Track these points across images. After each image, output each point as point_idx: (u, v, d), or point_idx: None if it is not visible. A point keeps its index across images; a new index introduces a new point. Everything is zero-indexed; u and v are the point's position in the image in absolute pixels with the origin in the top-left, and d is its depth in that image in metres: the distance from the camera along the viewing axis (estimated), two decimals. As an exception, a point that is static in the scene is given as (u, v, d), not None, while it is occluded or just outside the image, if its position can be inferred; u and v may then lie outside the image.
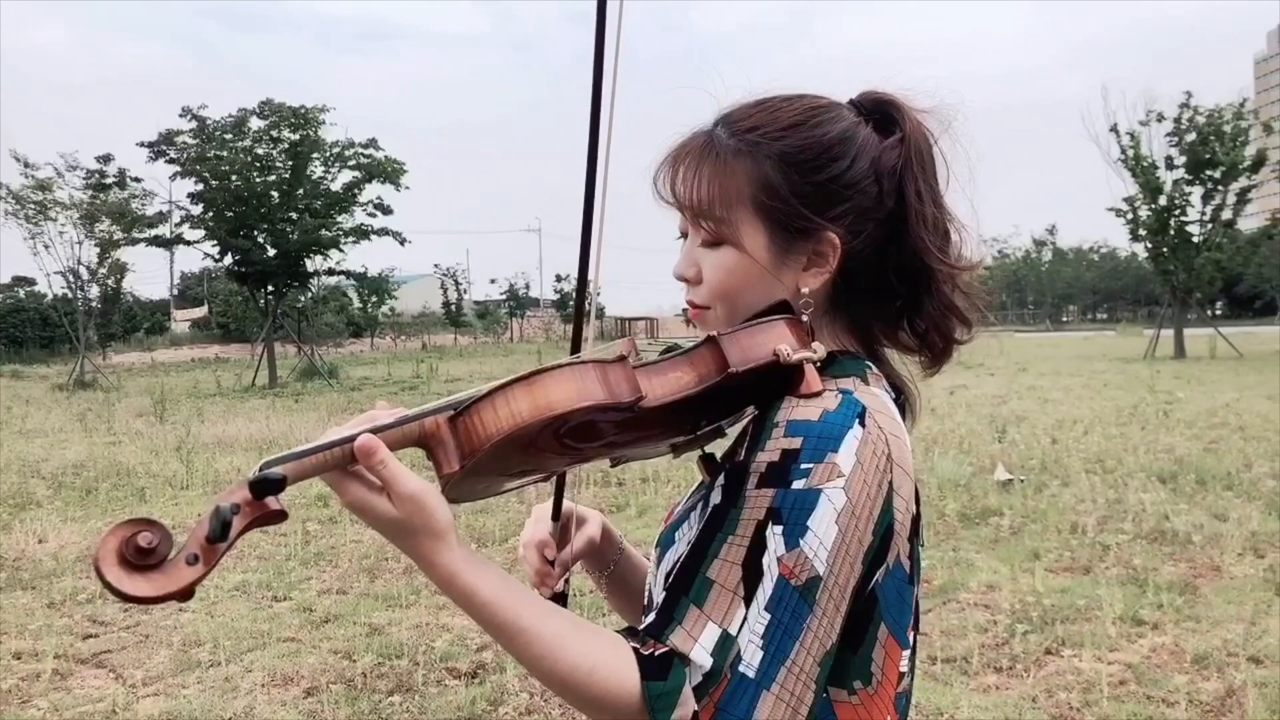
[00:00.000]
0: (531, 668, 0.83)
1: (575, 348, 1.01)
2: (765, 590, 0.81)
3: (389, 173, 26.12)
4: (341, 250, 27.09)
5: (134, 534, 0.72)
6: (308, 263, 26.95)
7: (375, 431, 0.80)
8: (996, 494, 7.28)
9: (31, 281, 48.81)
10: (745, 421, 0.95)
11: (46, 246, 27.64)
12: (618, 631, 0.85)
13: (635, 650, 0.81)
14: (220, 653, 4.45)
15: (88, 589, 5.55)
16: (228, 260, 26.33)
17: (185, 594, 0.73)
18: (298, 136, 25.21)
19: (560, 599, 1.10)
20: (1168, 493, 7.20)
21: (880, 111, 0.97)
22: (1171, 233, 26.15)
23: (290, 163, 25.43)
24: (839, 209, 0.93)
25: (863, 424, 0.85)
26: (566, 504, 1.13)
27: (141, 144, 25.36)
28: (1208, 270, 25.87)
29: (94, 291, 30.53)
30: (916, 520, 0.92)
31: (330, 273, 29.28)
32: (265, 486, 0.75)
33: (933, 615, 4.67)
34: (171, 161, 25.42)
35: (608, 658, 0.81)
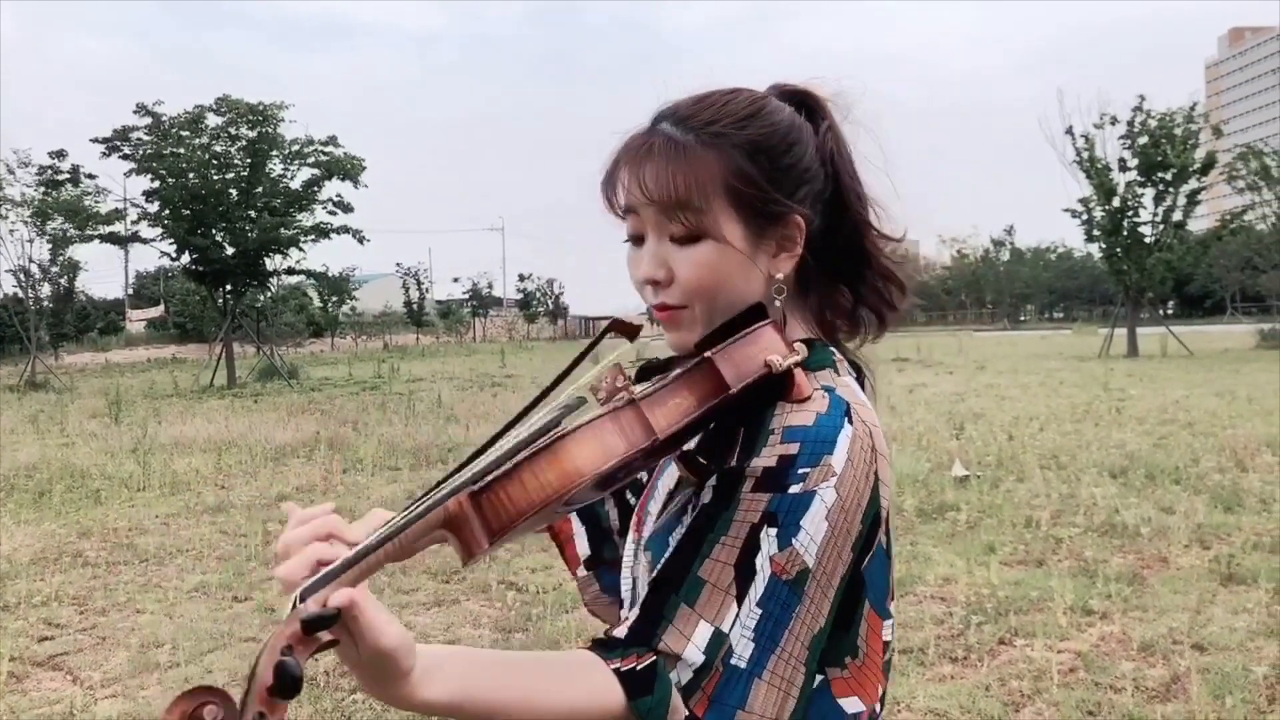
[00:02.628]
0: None
1: (565, 375, 0.96)
2: (757, 588, 0.83)
3: (349, 170, 25.87)
4: (301, 249, 26.78)
5: (196, 709, 0.67)
6: (267, 261, 26.60)
7: (400, 529, 0.77)
8: (953, 490, 7.41)
9: (-19, 280, 47.69)
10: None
11: (-4, 245, 27.08)
12: (591, 646, 0.86)
13: (616, 671, 0.82)
14: (180, 654, 4.42)
15: (42, 591, 5.47)
16: (185, 259, 25.89)
17: None
18: (256, 134, 24.88)
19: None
20: (1119, 487, 7.38)
21: (803, 102, 1.01)
22: (1125, 233, 26.69)
23: (248, 160, 25.08)
24: (801, 192, 0.96)
25: (851, 422, 0.88)
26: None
27: (95, 140, 24.91)
28: (1159, 270, 26.43)
29: (45, 290, 29.98)
30: (890, 501, 0.96)
31: (290, 272, 28.92)
32: (320, 623, 0.70)
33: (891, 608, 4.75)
34: (126, 158, 24.97)
35: (586, 692, 0.81)
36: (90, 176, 27.56)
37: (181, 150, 24.50)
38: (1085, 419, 11.78)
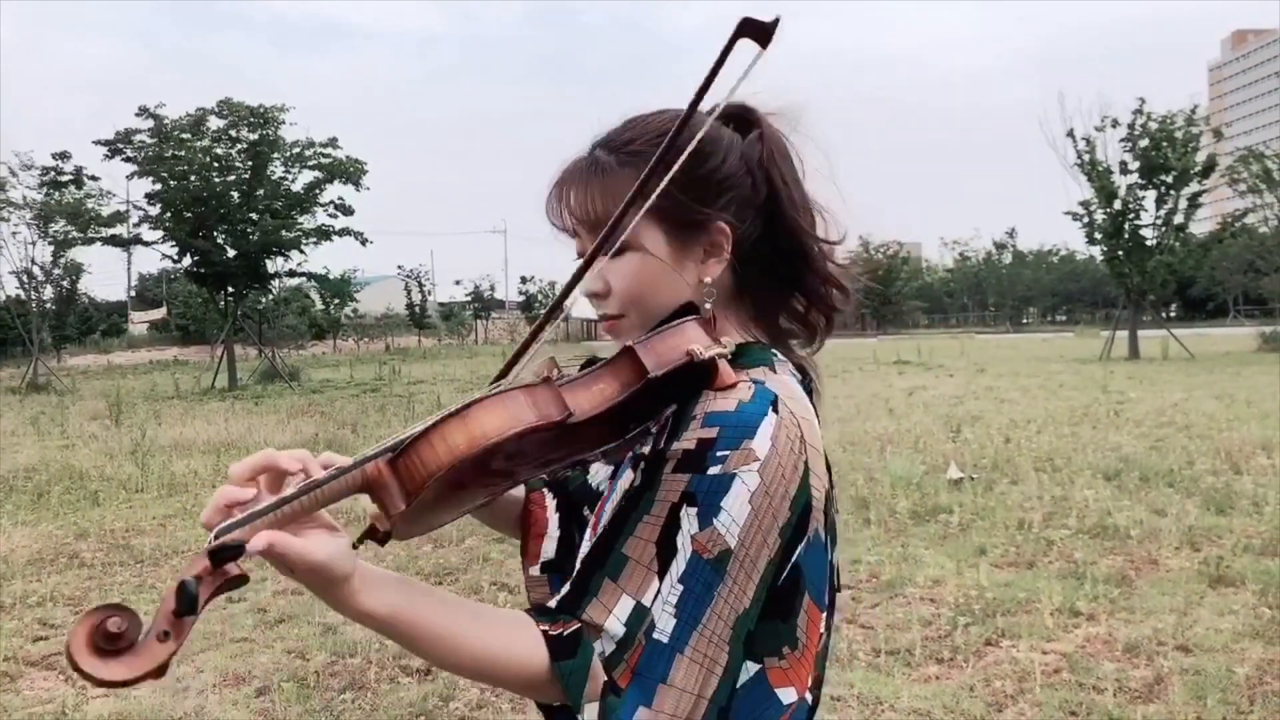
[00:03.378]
0: (443, 666, 0.88)
1: (504, 373, 1.02)
2: (679, 565, 0.86)
3: (350, 173, 25.93)
4: (303, 251, 26.85)
5: (103, 621, 0.73)
6: (268, 264, 26.68)
7: (320, 484, 0.82)
8: (947, 492, 7.43)
9: (-16, 283, 47.82)
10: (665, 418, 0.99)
11: (-1, 247, 27.16)
12: (526, 611, 0.90)
13: (545, 633, 0.86)
14: (172, 653, 4.45)
15: (38, 592, 5.51)
16: (186, 261, 25.97)
17: (160, 672, 0.74)
18: (257, 136, 24.95)
19: (382, 539, 1.07)
20: (1112, 490, 7.40)
21: (736, 116, 1.05)
22: (1126, 236, 26.70)
23: (250, 163, 25.14)
24: (723, 200, 1.00)
25: (776, 411, 0.91)
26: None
27: (98, 142, 24.99)
28: (1160, 273, 26.43)
29: (48, 292, 30.03)
30: (829, 493, 0.99)
31: (291, 274, 29.03)
32: (221, 555, 0.76)
33: (879, 609, 4.78)
34: (129, 161, 25.05)
35: (513, 644, 0.86)
36: (93, 179, 27.63)
37: (183, 153, 24.56)
38: (1083, 421, 11.79)
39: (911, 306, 78.28)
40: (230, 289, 26.49)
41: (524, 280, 69.89)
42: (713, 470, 0.88)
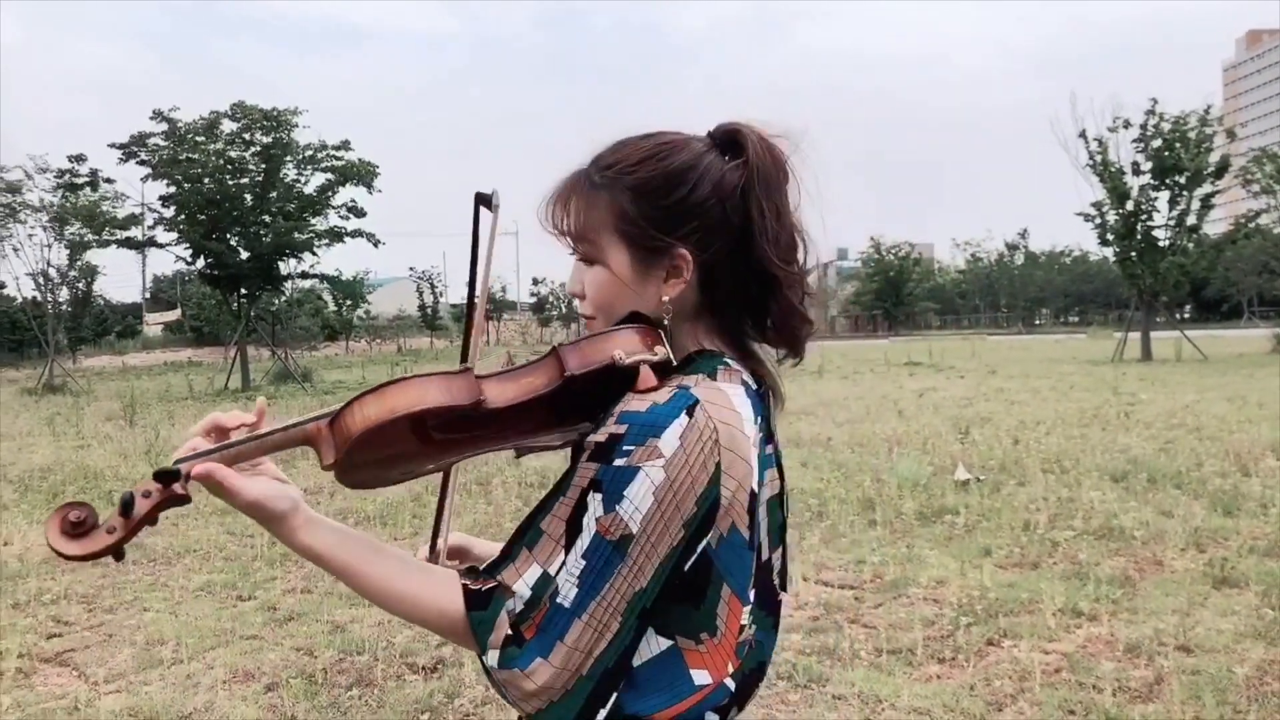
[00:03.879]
0: (371, 600, 1.04)
1: (463, 359, 1.19)
2: (583, 542, 0.97)
3: (362, 175, 26.06)
4: (315, 253, 27.01)
5: (69, 512, 0.96)
6: (281, 266, 26.86)
7: (269, 434, 1.03)
8: (954, 493, 7.44)
9: (1, 285, 48.27)
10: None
11: (15, 250, 27.47)
12: (460, 569, 1.04)
13: (465, 586, 1.00)
14: (183, 650, 4.52)
15: (52, 590, 5.59)
16: (200, 263, 26.16)
17: (110, 551, 0.97)
18: (270, 139, 25.10)
19: None
20: (1120, 491, 7.40)
21: (728, 140, 1.11)
22: (1138, 237, 26.55)
23: (263, 165, 25.30)
24: (686, 228, 1.07)
25: (690, 415, 0.98)
26: (444, 541, 1.32)
27: (113, 145, 25.20)
28: (1173, 274, 26.29)
29: (64, 294, 30.29)
30: (762, 497, 1.07)
31: (304, 276, 29.21)
32: (165, 475, 0.98)
33: (882, 609, 4.81)
34: (143, 164, 25.25)
35: (434, 591, 1.01)
36: (108, 181, 27.88)
37: (197, 156, 24.74)
38: (1093, 423, 11.76)
39: (923, 308, 78.05)
40: (243, 291, 26.66)
41: (536, 282, 70.10)
42: (618, 462, 0.97)
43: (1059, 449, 9.51)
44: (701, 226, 1.07)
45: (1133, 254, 26.66)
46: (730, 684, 1.05)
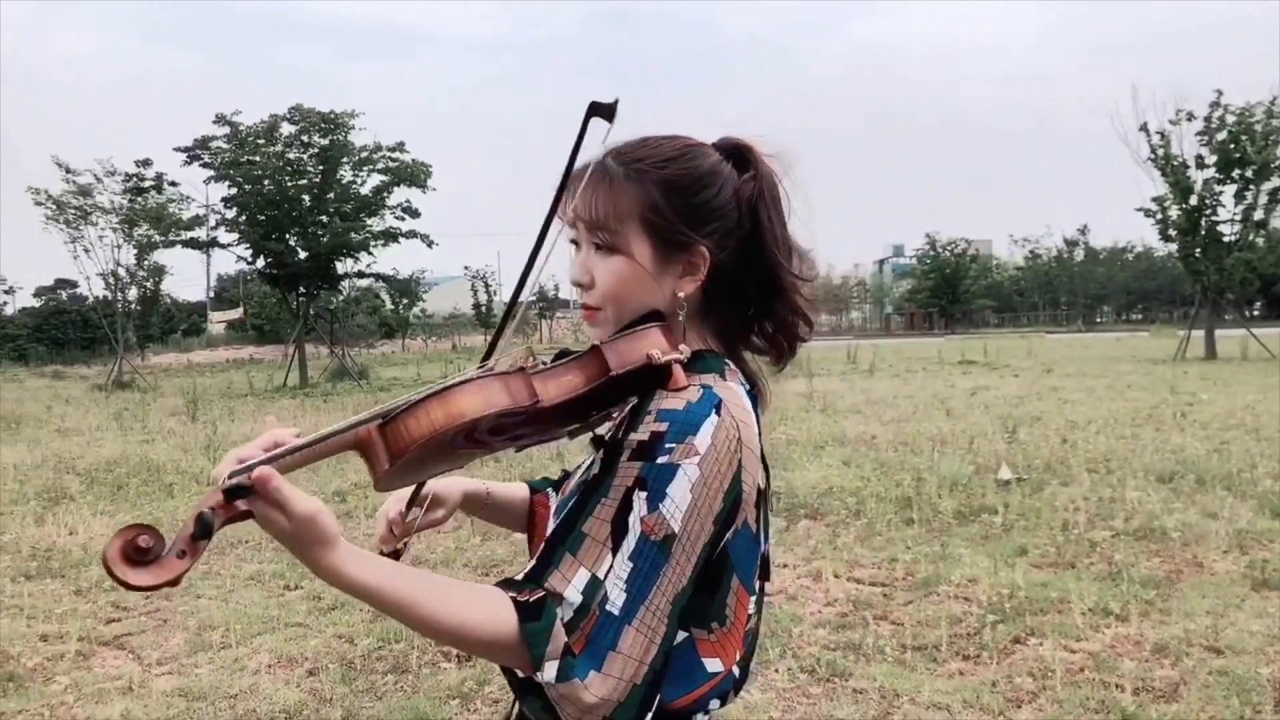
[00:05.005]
0: (422, 633, 1.00)
1: (487, 357, 1.16)
2: (629, 544, 0.98)
3: (416, 176, 26.51)
4: (371, 253, 27.55)
5: (135, 537, 0.88)
6: (338, 265, 27.41)
7: (319, 440, 0.96)
8: (995, 493, 7.40)
9: (73, 284, 50.14)
10: (627, 407, 1.13)
11: (87, 250, 28.37)
12: (498, 584, 1.02)
13: (513, 599, 0.98)
14: (231, 636, 4.72)
15: (113, 577, 5.86)
16: (260, 263, 26.86)
17: (176, 582, 0.90)
18: (327, 141, 25.67)
19: (394, 555, 1.31)
20: (1166, 492, 7.28)
21: (737, 153, 1.18)
22: (1202, 232, 25.88)
23: (320, 167, 25.89)
24: (709, 227, 1.13)
25: (719, 413, 1.03)
26: (431, 487, 1.35)
27: (178, 149, 26.00)
28: (1239, 270, 25.58)
29: (133, 293, 31.27)
30: (763, 491, 1.12)
31: (360, 275, 29.77)
32: (236, 493, 0.91)
33: (911, 606, 4.83)
34: (206, 166, 26.02)
35: (485, 610, 0.97)
36: (173, 184, 28.78)
37: (257, 158, 25.39)
38: (1146, 423, 11.55)
39: (980, 305, 76.72)
40: (302, 290, 27.31)
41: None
42: (661, 459, 1.00)
43: (1107, 449, 9.37)
44: (721, 228, 1.13)
45: (1196, 250, 25.99)
46: (737, 671, 1.11)
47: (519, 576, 1.03)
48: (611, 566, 0.98)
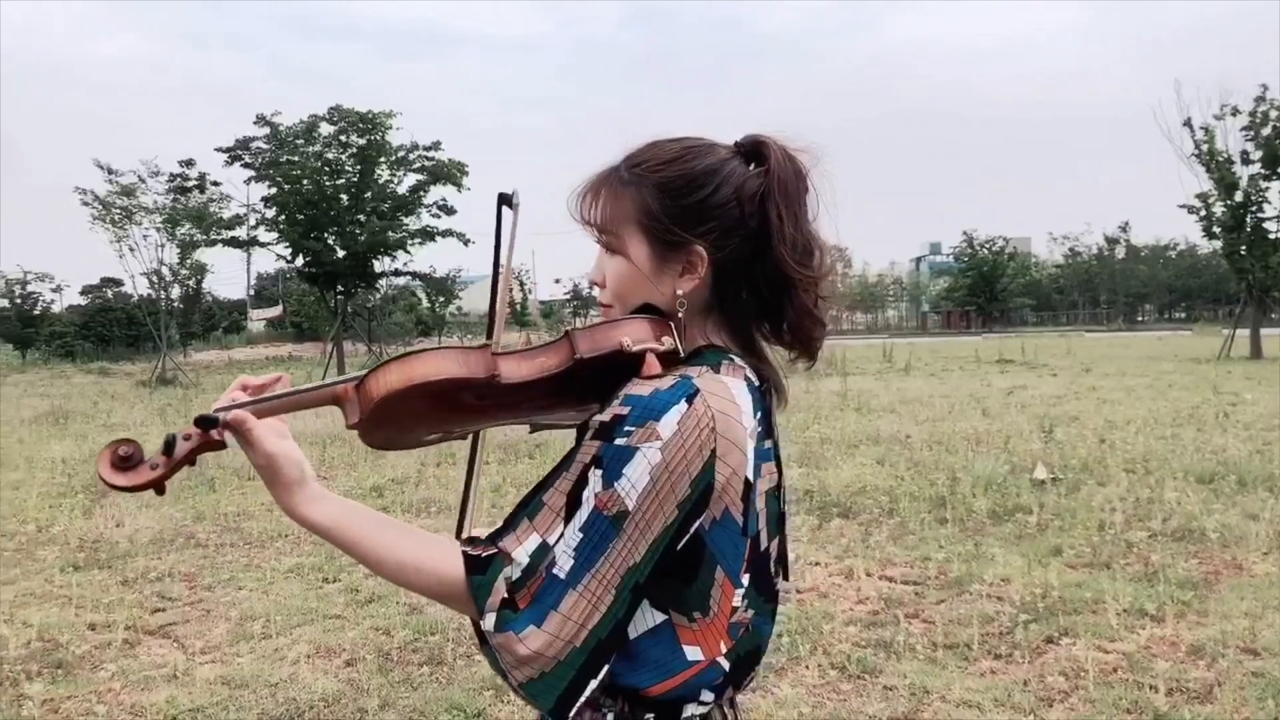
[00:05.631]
0: (374, 570, 1.10)
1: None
2: (581, 516, 1.03)
3: (451, 175, 26.76)
4: (408, 251, 27.89)
5: (118, 447, 1.07)
6: (375, 264, 27.82)
7: (301, 391, 1.12)
8: (1030, 492, 7.34)
9: (118, 283, 51.03)
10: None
11: (132, 249, 28.93)
12: (461, 539, 1.10)
13: (465, 552, 1.05)
14: (272, 626, 4.83)
15: (158, 568, 6.01)
16: (299, 261, 27.28)
17: (152, 485, 1.07)
18: (365, 141, 26.03)
19: None
20: (1206, 493, 7.19)
21: (753, 149, 1.18)
22: (1248, 229, 25.42)
23: (358, 166, 26.25)
24: (704, 227, 1.13)
25: (689, 402, 1.04)
26: (469, 523, 1.38)
27: (219, 149, 26.48)
28: (1286, 268, 25.08)
29: (175, 292, 31.90)
30: (760, 487, 1.13)
31: (397, 273, 30.16)
32: (204, 421, 1.07)
33: (943, 605, 4.83)
34: (247, 166, 26.50)
35: (435, 558, 1.06)
36: (215, 184, 29.29)
37: (296, 158, 25.79)
38: (1187, 423, 11.38)
39: (1019, 304, 75.78)
40: (340, 288, 27.71)
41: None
42: (619, 441, 1.03)
43: (1146, 449, 9.26)
44: (719, 227, 1.13)
45: (1241, 247, 25.53)
46: (724, 663, 1.11)
47: (482, 536, 1.09)
48: (562, 535, 1.02)
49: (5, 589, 5.65)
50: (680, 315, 1.16)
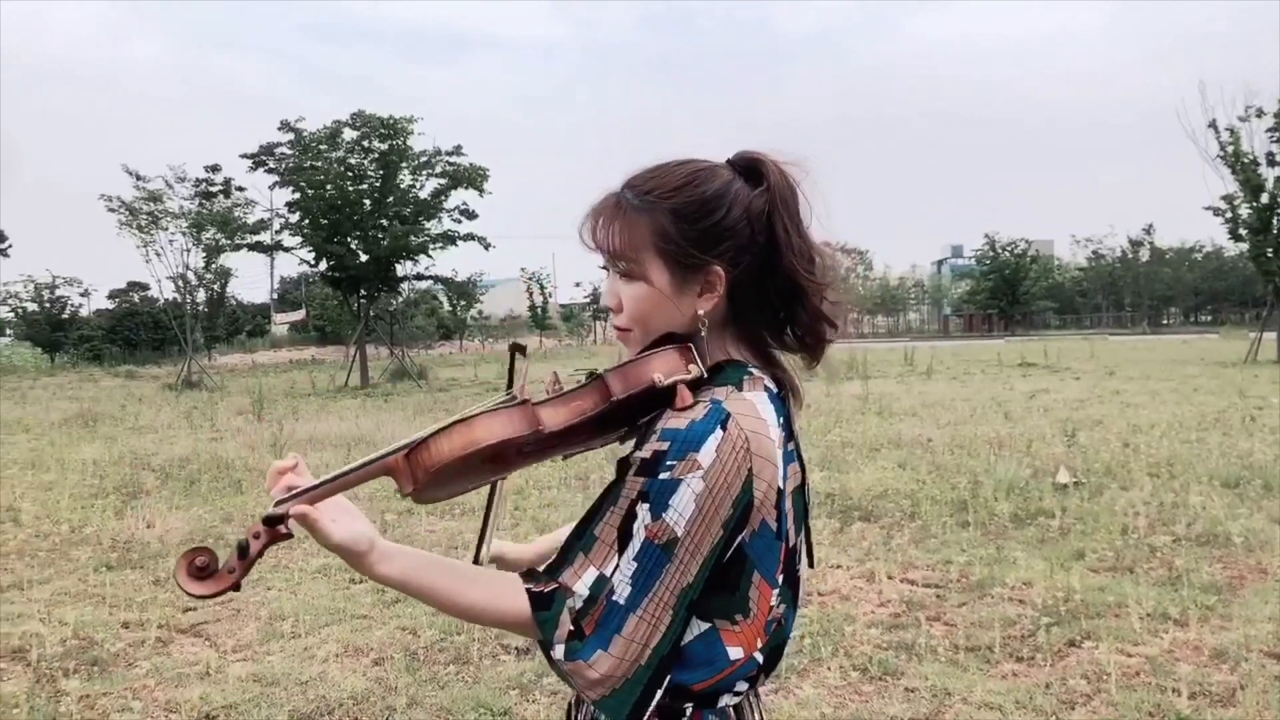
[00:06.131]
0: (445, 613, 1.17)
1: (509, 385, 1.30)
2: (634, 547, 1.10)
3: (473, 179, 26.89)
4: (430, 255, 28.02)
5: (195, 558, 1.13)
6: (398, 268, 27.93)
7: (352, 471, 1.15)
8: (1052, 496, 7.33)
9: (144, 287, 51.58)
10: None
11: (158, 254, 29.34)
12: (521, 574, 1.16)
13: (529, 590, 1.12)
14: (301, 626, 4.92)
15: (188, 568, 6.11)
16: (323, 266, 27.48)
17: (234, 586, 1.13)
18: (387, 146, 26.17)
19: None
20: (1231, 498, 7.15)
21: (749, 168, 1.24)
22: (1274, 231, 25.13)
23: (380, 172, 26.41)
24: (720, 248, 1.19)
25: (724, 428, 1.11)
26: (487, 549, 1.46)
27: (244, 155, 26.73)
28: (1313, 270, 24.79)
29: (200, 296, 32.23)
30: (785, 490, 1.19)
31: (419, 277, 30.29)
32: (271, 520, 1.12)
33: (965, 608, 4.84)
34: (271, 171, 26.70)
35: (501, 599, 1.13)
36: (239, 189, 29.59)
37: (320, 163, 25.99)
38: (1213, 427, 11.30)
39: (1041, 307, 75.18)
40: (363, 292, 27.87)
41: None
42: (663, 475, 1.10)
43: (1170, 453, 9.21)
44: (733, 246, 1.19)
45: (1268, 249, 25.25)
46: (759, 657, 1.19)
47: (540, 569, 1.17)
48: (618, 565, 1.10)
49: (41, 588, 5.77)
50: (702, 334, 1.22)
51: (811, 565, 1.31)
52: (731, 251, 1.20)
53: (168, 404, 20.18)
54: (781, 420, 1.20)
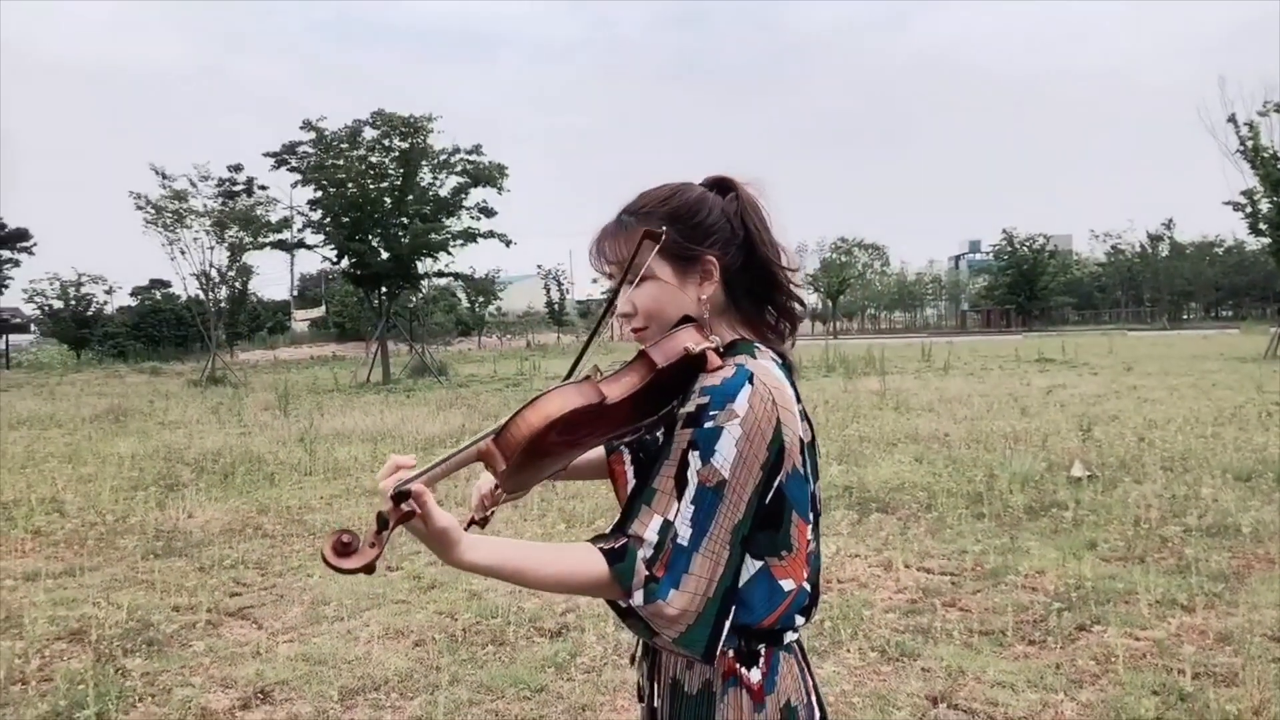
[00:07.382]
0: (532, 588, 1.31)
1: (572, 371, 1.46)
2: (690, 492, 1.27)
3: (492, 177, 27.15)
4: (449, 253, 28.30)
5: (340, 536, 1.20)
6: (418, 265, 28.22)
7: (452, 455, 1.27)
8: (1067, 489, 7.50)
9: (167, 284, 52.25)
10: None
11: (182, 252, 29.70)
12: (590, 539, 1.31)
13: (601, 549, 1.27)
14: (343, 610, 5.16)
15: (230, 556, 6.37)
16: (344, 263, 27.82)
17: (370, 568, 1.20)
18: (408, 145, 26.46)
19: (482, 522, 1.65)
20: (1243, 490, 7.30)
21: (719, 183, 1.51)
22: (1294, 227, 25.10)
23: (401, 170, 26.70)
24: (711, 239, 1.44)
25: (751, 383, 1.31)
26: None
27: (267, 154, 27.09)
28: (1333, 265, 24.72)
29: (223, 293, 32.60)
30: (805, 442, 1.40)
31: (439, 274, 30.58)
32: (399, 496, 1.21)
33: (979, 595, 5.03)
34: (293, 170, 27.05)
35: (583, 563, 1.27)
36: (262, 188, 30.00)
37: (341, 162, 26.31)
38: (1229, 422, 11.40)
39: (1059, 302, 74.86)
40: (383, 289, 28.20)
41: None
42: (707, 425, 1.29)
43: (1185, 448, 9.34)
44: (720, 239, 1.44)
45: (1288, 245, 25.21)
46: (808, 586, 1.39)
47: (608, 530, 1.33)
48: (678, 510, 1.26)
49: (93, 574, 6.04)
50: (706, 317, 1.45)
51: (819, 512, 1.52)
52: (720, 243, 1.44)
53: (194, 400, 20.53)
54: (790, 385, 1.43)
